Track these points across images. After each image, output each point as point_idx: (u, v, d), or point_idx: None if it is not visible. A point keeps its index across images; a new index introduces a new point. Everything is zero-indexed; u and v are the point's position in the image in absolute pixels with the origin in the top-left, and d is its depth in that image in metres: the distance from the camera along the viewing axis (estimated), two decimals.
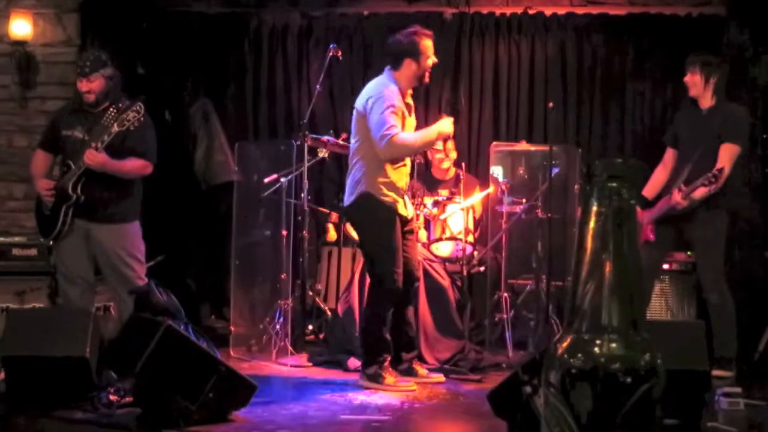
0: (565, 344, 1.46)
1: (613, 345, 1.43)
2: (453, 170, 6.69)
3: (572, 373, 1.43)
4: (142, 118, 4.98)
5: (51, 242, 5.23)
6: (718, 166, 5.22)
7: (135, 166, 5.17)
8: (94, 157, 4.97)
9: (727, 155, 5.29)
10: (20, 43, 6.46)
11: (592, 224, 1.47)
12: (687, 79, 5.53)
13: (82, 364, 4.35)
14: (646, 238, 5.50)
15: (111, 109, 5.06)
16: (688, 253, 5.97)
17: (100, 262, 5.23)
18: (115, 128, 4.95)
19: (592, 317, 1.45)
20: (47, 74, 6.53)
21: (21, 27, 6.44)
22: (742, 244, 6.37)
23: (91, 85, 5.13)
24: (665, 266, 6.05)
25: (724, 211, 5.40)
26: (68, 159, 5.14)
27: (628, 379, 1.41)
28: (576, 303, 1.47)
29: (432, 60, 5.17)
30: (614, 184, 1.46)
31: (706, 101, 5.47)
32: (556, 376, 1.45)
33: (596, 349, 1.43)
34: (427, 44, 5.13)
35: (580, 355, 1.43)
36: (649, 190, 5.61)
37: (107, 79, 5.17)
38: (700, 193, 5.26)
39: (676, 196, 5.31)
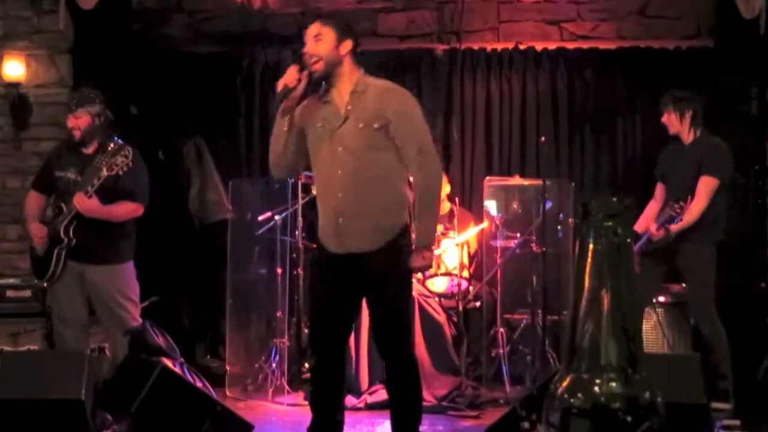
0: (564, 384, 1.46)
1: (613, 384, 1.43)
2: (447, 205, 6.69)
3: (573, 412, 1.43)
4: (130, 163, 4.92)
5: (45, 284, 5.21)
6: (695, 199, 5.26)
7: (125, 210, 5.13)
8: (83, 203, 4.93)
9: (703, 188, 5.31)
10: (13, 85, 6.47)
11: (589, 263, 1.48)
12: (664, 119, 5.55)
13: (78, 406, 4.31)
14: None
15: (100, 152, 5.04)
16: (683, 285, 5.97)
17: (94, 303, 5.18)
18: (104, 173, 4.90)
19: (591, 356, 1.45)
20: (41, 115, 6.54)
21: (14, 68, 6.46)
22: (738, 273, 6.37)
23: (77, 122, 5.10)
24: (661, 299, 6.04)
25: (710, 243, 5.40)
26: (60, 200, 5.11)
27: (629, 418, 1.41)
28: (574, 342, 1.47)
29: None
30: (610, 223, 1.47)
31: (686, 136, 5.50)
32: (557, 416, 1.44)
33: (596, 388, 1.43)
34: None
35: (580, 394, 1.43)
36: (641, 225, 5.57)
37: (93, 117, 5.12)
38: (676, 226, 5.27)
39: (652, 227, 5.35)
